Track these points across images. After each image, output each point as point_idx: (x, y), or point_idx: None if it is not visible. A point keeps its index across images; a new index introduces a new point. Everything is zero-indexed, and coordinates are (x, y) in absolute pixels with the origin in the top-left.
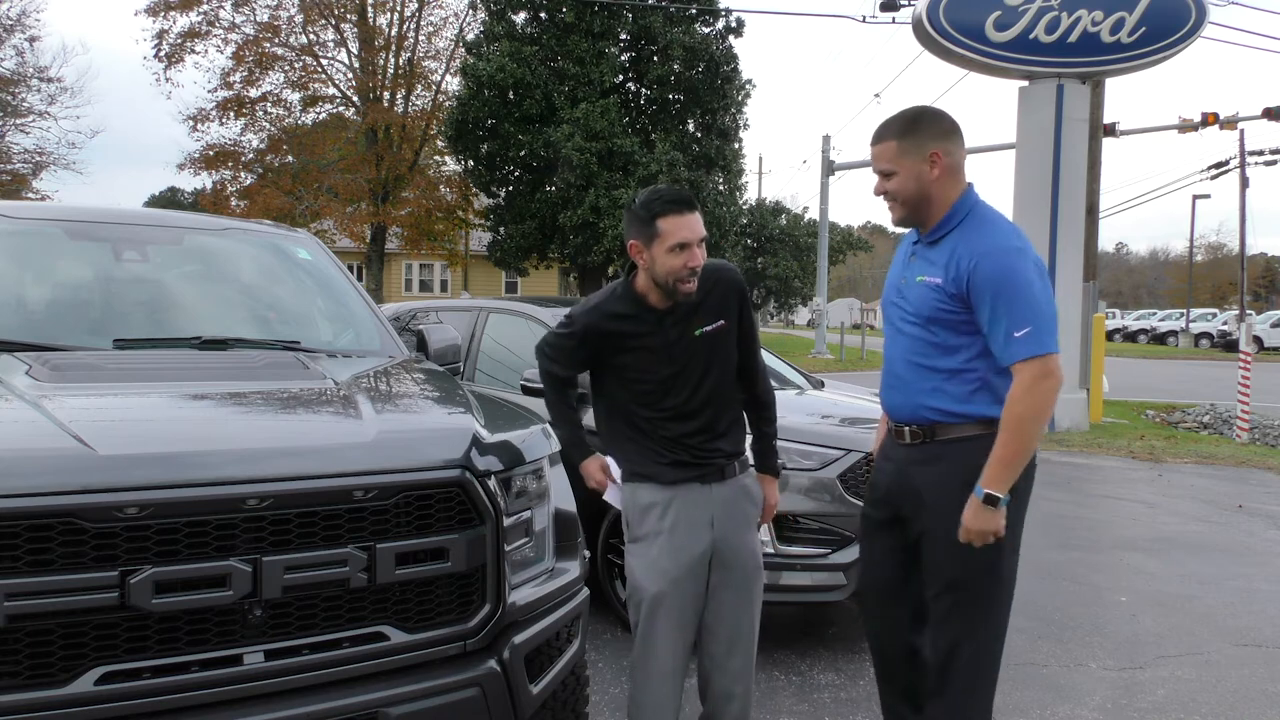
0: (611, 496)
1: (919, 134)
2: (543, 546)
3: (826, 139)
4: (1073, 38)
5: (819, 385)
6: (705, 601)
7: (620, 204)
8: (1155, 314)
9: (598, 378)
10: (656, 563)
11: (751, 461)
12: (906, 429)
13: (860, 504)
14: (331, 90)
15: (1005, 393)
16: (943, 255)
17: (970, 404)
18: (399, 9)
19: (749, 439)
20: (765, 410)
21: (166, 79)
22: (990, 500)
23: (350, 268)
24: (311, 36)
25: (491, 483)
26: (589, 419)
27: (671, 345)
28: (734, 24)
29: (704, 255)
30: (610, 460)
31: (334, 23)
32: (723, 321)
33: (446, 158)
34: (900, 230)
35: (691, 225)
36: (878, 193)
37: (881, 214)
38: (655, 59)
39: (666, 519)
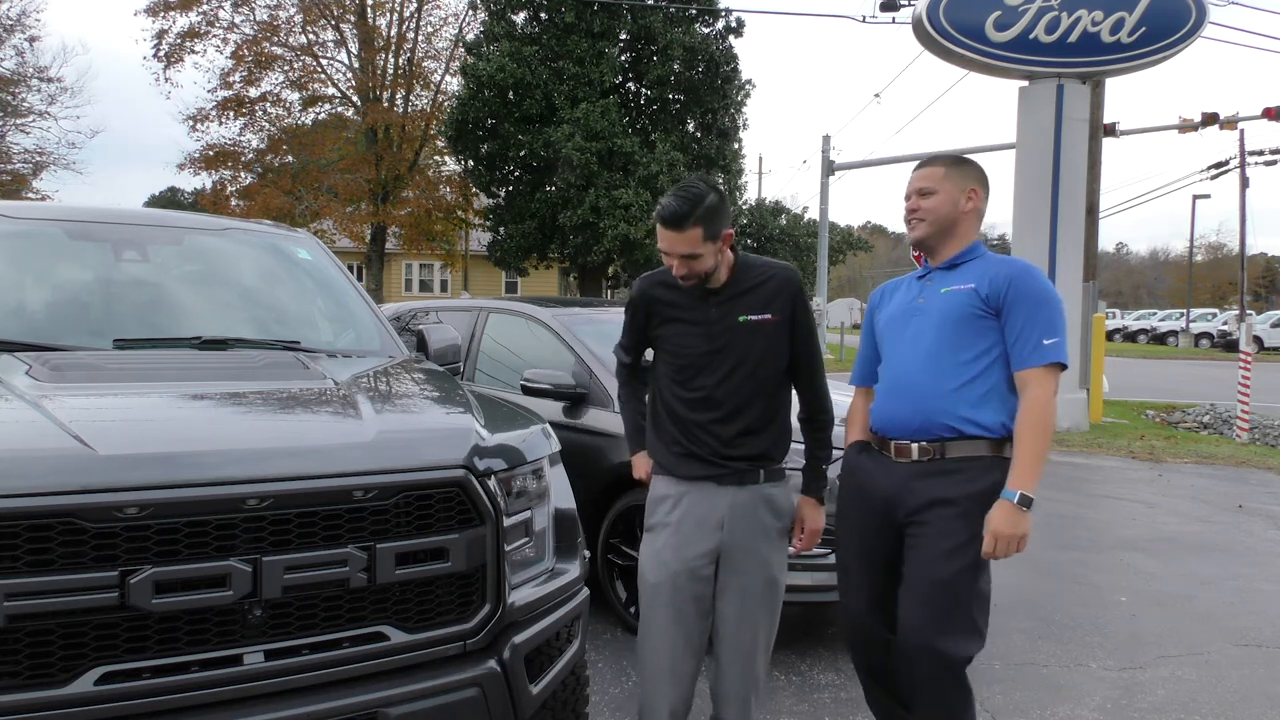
0: None
1: (965, 169)
2: (543, 546)
3: (826, 139)
4: (1073, 38)
5: None
6: (713, 604)
7: (620, 204)
8: (1155, 314)
9: (655, 359)
10: (659, 554)
11: (795, 474)
12: (914, 445)
13: None
14: (331, 90)
15: (1010, 404)
16: (970, 273)
17: (982, 412)
18: (398, 9)
19: (796, 456)
20: (819, 433)
21: (166, 79)
22: (1024, 501)
23: (350, 268)
24: (311, 36)
25: (491, 483)
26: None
27: (712, 324)
28: (734, 24)
29: (689, 268)
30: None
31: (333, 23)
32: (769, 315)
33: (446, 158)
34: (900, 230)
35: (670, 240)
36: (910, 210)
37: (881, 214)
38: (655, 59)
39: (675, 513)
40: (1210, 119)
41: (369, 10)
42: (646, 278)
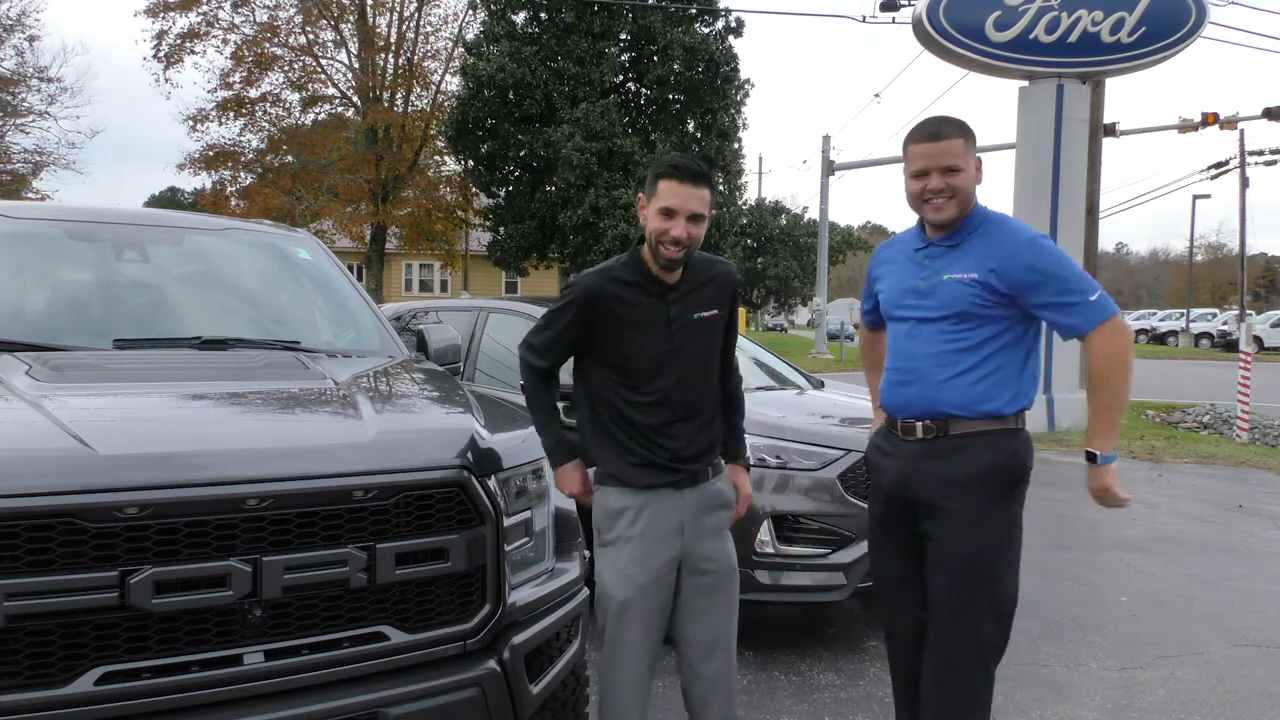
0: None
1: (972, 138)
2: (543, 546)
3: (826, 139)
4: (1073, 38)
5: (819, 385)
6: (675, 609)
7: (620, 204)
8: (1155, 314)
9: (583, 367)
10: (625, 569)
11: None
12: (918, 424)
13: (860, 504)
14: (331, 90)
15: (1021, 388)
16: (971, 254)
17: (987, 398)
18: (398, 9)
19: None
20: (735, 401)
21: (166, 79)
22: (1101, 458)
23: (350, 268)
24: (311, 37)
25: (491, 482)
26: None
27: (672, 321)
28: (734, 24)
29: (689, 232)
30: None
31: (333, 23)
32: (717, 311)
33: (446, 158)
34: (901, 229)
35: (684, 196)
36: (935, 188)
37: (881, 214)
38: (655, 59)
39: (637, 525)
40: (1210, 119)
41: (369, 10)
42: (595, 274)
